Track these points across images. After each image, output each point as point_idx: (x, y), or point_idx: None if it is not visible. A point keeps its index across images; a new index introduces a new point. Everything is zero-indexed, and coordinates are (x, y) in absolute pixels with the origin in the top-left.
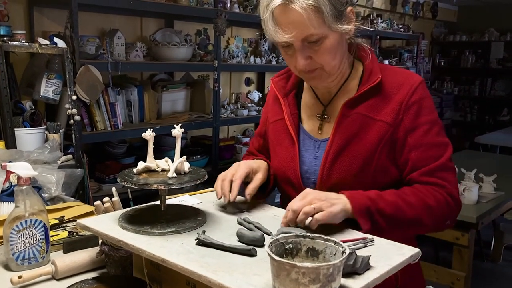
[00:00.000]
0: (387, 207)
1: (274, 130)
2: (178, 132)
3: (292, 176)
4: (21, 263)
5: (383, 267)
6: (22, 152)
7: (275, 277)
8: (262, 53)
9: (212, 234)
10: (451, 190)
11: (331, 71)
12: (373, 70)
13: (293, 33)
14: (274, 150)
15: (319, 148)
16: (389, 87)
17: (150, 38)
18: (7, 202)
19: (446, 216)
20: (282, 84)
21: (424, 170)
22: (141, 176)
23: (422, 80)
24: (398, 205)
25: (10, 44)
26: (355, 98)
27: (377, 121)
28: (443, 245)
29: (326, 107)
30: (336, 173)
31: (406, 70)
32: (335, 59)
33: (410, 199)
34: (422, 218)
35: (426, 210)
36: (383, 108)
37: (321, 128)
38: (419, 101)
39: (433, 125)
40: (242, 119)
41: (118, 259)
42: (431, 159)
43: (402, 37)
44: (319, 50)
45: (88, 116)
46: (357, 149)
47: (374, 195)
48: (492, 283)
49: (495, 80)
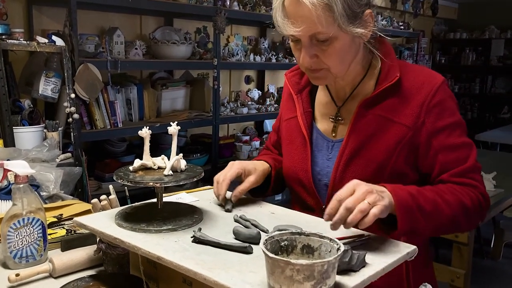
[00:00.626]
0: (427, 204)
1: (286, 128)
2: (174, 130)
3: (303, 177)
4: (18, 261)
5: (379, 264)
6: (21, 151)
7: (270, 274)
8: (262, 51)
9: (208, 231)
10: (483, 190)
11: (337, 74)
12: (391, 69)
13: (301, 28)
14: (286, 149)
15: (332, 149)
16: (409, 86)
17: (150, 36)
18: (5, 200)
19: (479, 217)
20: (296, 79)
21: (455, 171)
22: (137, 173)
23: (444, 80)
24: (437, 202)
25: (8, 43)
26: (371, 98)
27: (396, 123)
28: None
29: (340, 108)
30: (349, 176)
31: (427, 68)
32: (343, 62)
33: (448, 198)
34: (459, 218)
35: (462, 209)
36: (402, 109)
37: (335, 130)
38: (441, 103)
39: (457, 126)
40: (242, 117)
41: (115, 257)
42: (459, 161)
43: (402, 34)
44: (327, 50)
45: (88, 114)
46: (373, 152)
47: (415, 190)
48: (492, 281)
49: (495, 78)
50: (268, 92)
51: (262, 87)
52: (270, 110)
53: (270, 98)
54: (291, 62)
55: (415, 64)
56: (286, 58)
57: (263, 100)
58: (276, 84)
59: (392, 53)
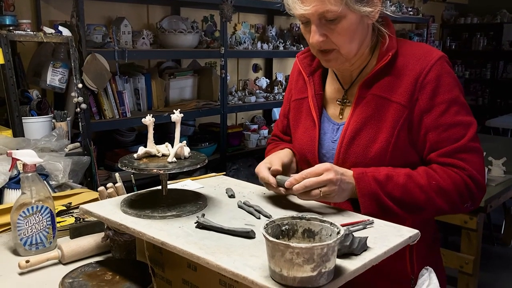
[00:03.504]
0: (396, 190)
1: (296, 108)
2: (177, 117)
3: (310, 158)
4: (28, 248)
5: (380, 248)
6: (30, 140)
7: (270, 258)
8: (269, 39)
9: (212, 217)
10: (471, 172)
11: (348, 55)
12: (388, 47)
13: (310, 6)
14: (294, 129)
15: (337, 131)
16: (405, 64)
17: (157, 25)
18: (14, 189)
19: (465, 199)
20: (308, 62)
21: (443, 151)
22: (142, 161)
23: (441, 56)
24: (407, 187)
25: (16, 34)
26: (369, 78)
27: (393, 103)
28: (452, 229)
29: (347, 92)
30: (351, 157)
31: (426, 45)
32: (352, 42)
33: (421, 181)
34: (435, 200)
35: (439, 192)
36: (398, 87)
37: (342, 113)
38: (436, 79)
39: (452, 104)
40: (250, 105)
41: (122, 244)
42: (450, 140)
43: (412, 20)
44: (335, 29)
45: (96, 104)
46: (373, 133)
47: (383, 177)
48: (502, 267)
49: (507, 63)
50: (276, 80)
51: (270, 75)
52: (278, 99)
53: (278, 86)
54: (298, 49)
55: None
56: (294, 45)
57: (271, 88)
58: (284, 72)
59: (394, 33)
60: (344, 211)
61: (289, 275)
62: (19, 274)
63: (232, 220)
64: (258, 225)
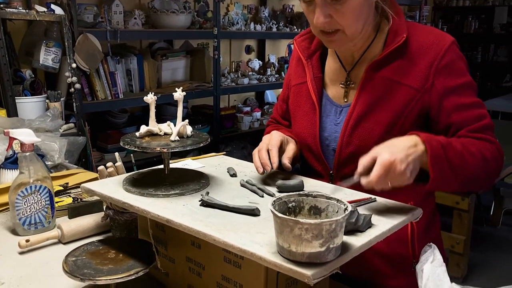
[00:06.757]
0: (455, 157)
1: (295, 93)
2: (179, 96)
3: (311, 142)
4: (27, 228)
5: (384, 225)
6: (24, 120)
7: (279, 234)
8: (262, 20)
9: (215, 196)
10: (499, 146)
11: (352, 35)
12: (398, 30)
13: None
14: (294, 115)
15: (341, 114)
16: (417, 47)
17: (149, 5)
18: (10, 169)
19: (497, 172)
20: (306, 44)
21: (473, 127)
22: (144, 139)
23: (453, 41)
24: (463, 155)
25: (7, 11)
26: (379, 60)
27: (404, 86)
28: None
29: (350, 73)
30: (356, 140)
31: (437, 29)
32: (358, 22)
33: (472, 149)
34: (481, 171)
35: (484, 162)
36: (410, 71)
37: (346, 96)
38: (451, 64)
39: (467, 87)
40: (243, 87)
41: (123, 223)
42: (475, 118)
43: (404, 2)
44: (341, 9)
45: (88, 85)
46: (380, 115)
47: (445, 141)
48: (491, 247)
49: (498, 46)
50: (269, 62)
51: (263, 57)
52: (271, 81)
53: (271, 69)
54: (292, 31)
55: (424, 24)
56: (287, 27)
57: (263, 70)
58: (277, 54)
59: (401, 13)
60: (344, 189)
61: (297, 250)
62: (19, 254)
63: (236, 199)
64: (262, 203)
